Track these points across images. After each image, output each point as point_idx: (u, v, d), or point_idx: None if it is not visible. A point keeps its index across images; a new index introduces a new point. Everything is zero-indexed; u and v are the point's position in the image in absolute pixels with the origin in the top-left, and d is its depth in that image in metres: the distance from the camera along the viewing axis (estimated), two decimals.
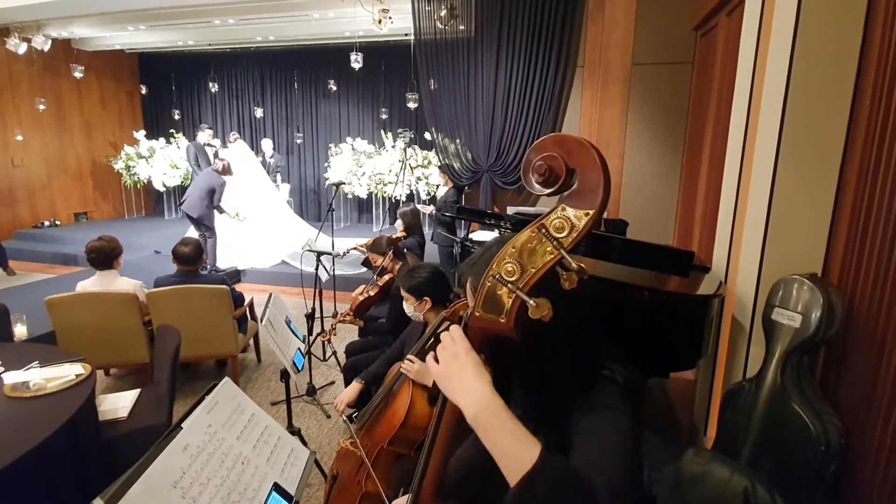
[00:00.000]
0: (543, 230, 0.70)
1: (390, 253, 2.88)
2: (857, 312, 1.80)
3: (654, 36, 4.40)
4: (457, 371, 0.74)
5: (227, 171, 5.54)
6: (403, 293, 2.02)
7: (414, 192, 7.32)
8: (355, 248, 3.55)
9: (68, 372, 2.14)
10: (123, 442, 2.16)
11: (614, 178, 4.75)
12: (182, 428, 0.96)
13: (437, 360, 0.79)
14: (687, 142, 4.45)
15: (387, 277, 2.87)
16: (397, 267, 2.90)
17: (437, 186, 7.06)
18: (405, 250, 3.01)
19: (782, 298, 1.87)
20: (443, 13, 5.10)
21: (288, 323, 2.46)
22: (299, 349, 2.34)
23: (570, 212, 0.68)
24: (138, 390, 2.51)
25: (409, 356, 1.90)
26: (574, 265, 0.68)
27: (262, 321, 2.13)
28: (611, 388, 0.82)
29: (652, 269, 2.66)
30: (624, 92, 4.52)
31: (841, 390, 1.90)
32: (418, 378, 1.88)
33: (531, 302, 0.70)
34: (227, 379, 1.21)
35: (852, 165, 1.88)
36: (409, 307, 2.03)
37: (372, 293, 2.86)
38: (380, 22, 5.50)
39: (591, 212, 0.67)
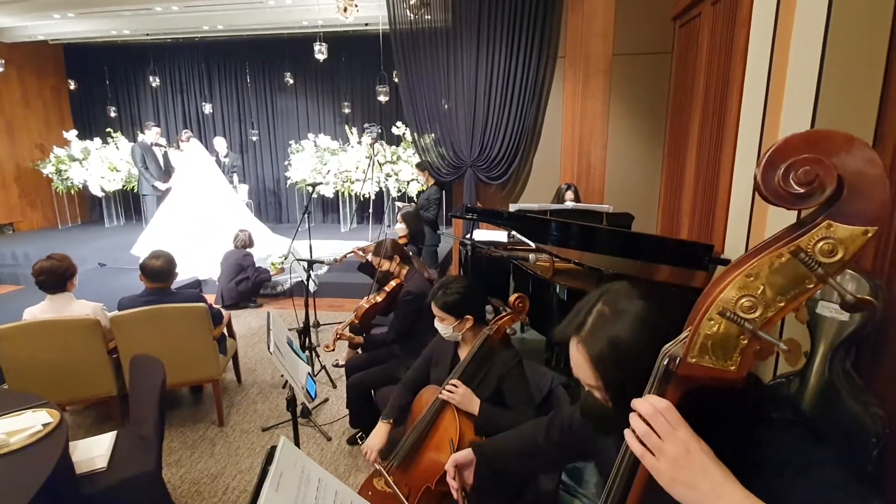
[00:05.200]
0: (802, 254, 0.53)
1: (396, 257, 2.65)
2: (895, 300, 1.79)
3: (633, 26, 4.37)
4: (699, 473, 0.56)
5: (250, 242, 5.11)
6: (439, 312, 1.80)
7: (383, 189, 7.04)
8: (353, 253, 3.29)
9: (33, 422, 1.80)
10: (107, 499, 1.84)
11: (598, 169, 4.76)
12: None
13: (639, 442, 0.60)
14: (668, 131, 4.47)
15: (393, 283, 2.65)
16: (404, 272, 2.68)
17: (409, 182, 6.84)
18: (411, 254, 2.79)
19: (825, 291, 1.82)
20: (412, 1, 4.86)
21: (290, 344, 2.20)
22: (309, 374, 2.09)
23: (840, 230, 0.52)
24: (114, 433, 2.17)
25: (451, 381, 1.70)
26: (850, 296, 0.52)
27: (269, 348, 1.87)
28: (792, 433, 0.66)
29: (669, 264, 2.60)
30: (605, 83, 4.47)
31: (878, 379, 1.89)
32: (463, 405, 1.69)
33: (782, 346, 0.54)
34: (284, 439, 0.98)
35: (885, 153, 1.86)
36: (447, 327, 1.81)
37: (378, 299, 2.63)
38: (345, 10, 5.18)
39: (871, 229, 0.51)
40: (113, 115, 8.61)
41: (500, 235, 3.34)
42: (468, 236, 3.35)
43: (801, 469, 0.62)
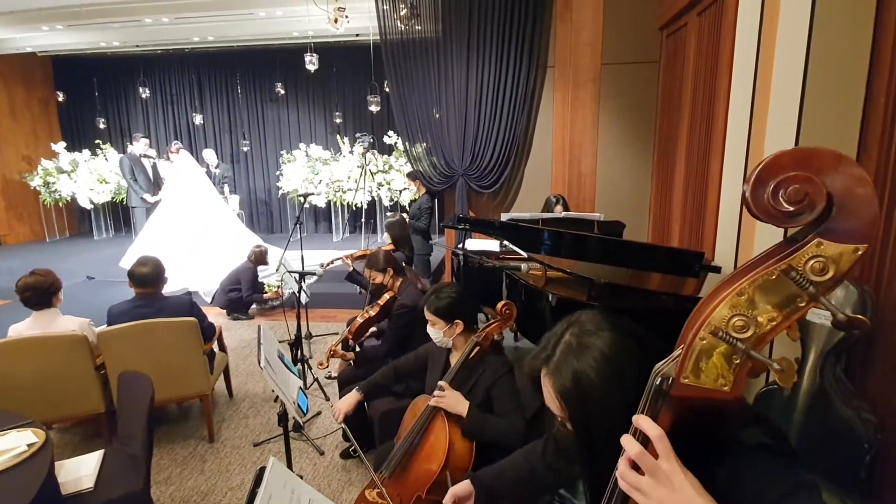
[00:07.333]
0: (793, 273, 0.53)
1: (390, 269, 2.64)
2: (882, 306, 1.80)
3: (621, 36, 4.42)
4: None
5: (261, 259, 5.09)
6: (431, 316, 1.81)
7: (376, 198, 7.03)
8: (340, 260, 3.27)
9: (17, 442, 1.76)
10: None
11: (588, 178, 4.78)
12: None
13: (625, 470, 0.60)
14: (657, 139, 4.51)
15: (387, 296, 2.63)
16: (397, 284, 2.67)
17: (400, 192, 6.84)
18: (404, 265, 2.78)
19: None
20: (402, 13, 4.89)
21: (281, 358, 2.17)
22: (301, 388, 2.06)
23: (831, 248, 0.52)
24: (101, 451, 2.13)
25: (440, 384, 1.70)
26: (842, 315, 0.52)
27: (259, 362, 1.84)
28: (764, 459, 0.63)
29: (661, 272, 2.60)
30: (595, 92, 4.51)
31: (869, 384, 1.90)
32: (452, 408, 1.68)
33: (776, 366, 0.54)
34: (273, 460, 0.96)
35: (869, 162, 1.88)
36: (437, 332, 1.83)
37: (372, 313, 2.61)
38: (336, 21, 5.19)
39: (861, 247, 0.51)
40: (102, 126, 8.55)
41: (493, 245, 3.33)
42: (461, 246, 3.34)
43: (775, 500, 0.60)
